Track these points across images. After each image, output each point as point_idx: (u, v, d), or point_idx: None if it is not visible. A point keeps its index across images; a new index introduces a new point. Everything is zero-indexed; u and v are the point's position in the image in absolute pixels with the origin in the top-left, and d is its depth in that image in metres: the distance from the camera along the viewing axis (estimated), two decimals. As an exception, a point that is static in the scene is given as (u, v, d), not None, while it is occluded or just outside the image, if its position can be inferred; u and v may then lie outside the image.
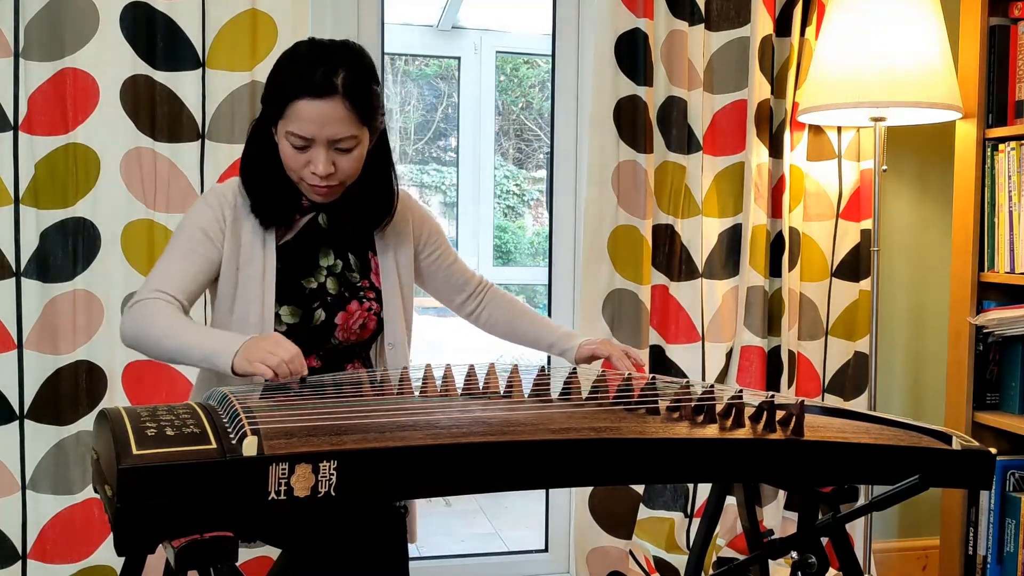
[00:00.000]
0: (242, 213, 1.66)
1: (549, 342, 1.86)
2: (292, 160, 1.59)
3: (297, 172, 1.60)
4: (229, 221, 1.64)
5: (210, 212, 1.64)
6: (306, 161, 1.58)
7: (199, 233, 1.63)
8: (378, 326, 1.75)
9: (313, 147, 1.56)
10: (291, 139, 1.56)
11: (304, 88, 1.53)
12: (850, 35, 2.36)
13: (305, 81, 1.53)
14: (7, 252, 2.16)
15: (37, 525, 2.21)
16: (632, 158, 2.48)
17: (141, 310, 1.54)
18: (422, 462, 1.20)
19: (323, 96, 1.53)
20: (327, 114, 1.53)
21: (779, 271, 2.59)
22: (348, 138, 1.57)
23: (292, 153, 1.58)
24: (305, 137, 1.55)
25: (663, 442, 1.34)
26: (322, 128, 1.54)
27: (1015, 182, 2.34)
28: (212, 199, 1.66)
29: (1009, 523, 2.41)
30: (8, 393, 2.17)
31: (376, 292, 1.74)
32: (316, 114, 1.53)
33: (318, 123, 1.54)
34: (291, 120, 1.55)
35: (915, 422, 1.58)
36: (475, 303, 1.91)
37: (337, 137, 1.56)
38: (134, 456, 1.10)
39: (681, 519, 2.60)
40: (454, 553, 3.19)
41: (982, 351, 2.46)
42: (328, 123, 1.54)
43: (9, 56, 2.13)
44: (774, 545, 1.58)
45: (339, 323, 1.69)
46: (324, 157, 1.56)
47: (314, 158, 1.57)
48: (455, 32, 6.14)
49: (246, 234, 1.66)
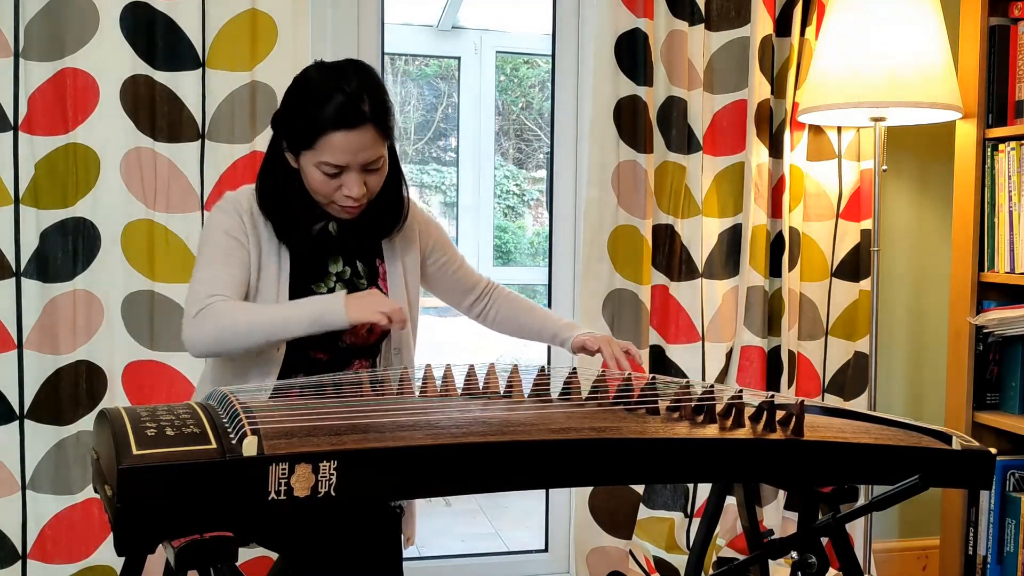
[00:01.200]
0: (259, 220, 1.68)
1: (552, 332, 1.89)
2: (323, 186, 1.61)
3: (328, 196, 1.62)
4: (249, 227, 1.67)
5: (232, 218, 1.66)
6: (337, 186, 1.61)
7: (228, 239, 1.64)
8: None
9: (345, 173, 1.59)
10: (323, 168, 1.59)
11: (337, 122, 1.55)
12: (850, 35, 2.36)
13: (336, 114, 1.55)
14: (7, 252, 2.16)
15: (37, 525, 2.20)
16: (632, 158, 2.48)
17: (211, 312, 1.55)
18: (422, 462, 1.20)
19: (356, 127, 1.56)
20: (360, 142, 1.57)
21: (779, 271, 2.59)
22: (377, 159, 1.61)
23: (323, 179, 1.60)
24: (339, 166, 1.58)
25: (663, 442, 1.34)
26: (356, 155, 1.58)
27: (1015, 182, 2.34)
28: (228, 206, 1.68)
29: (1009, 523, 2.41)
30: (8, 393, 2.17)
31: None
32: (351, 144, 1.57)
33: (352, 152, 1.57)
34: (324, 151, 1.57)
35: (915, 422, 1.58)
36: (483, 304, 1.95)
37: (369, 160, 1.60)
38: (134, 456, 1.10)
39: (681, 519, 2.60)
40: (454, 553, 3.19)
41: (982, 351, 2.46)
42: (362, 150, 1.58)
43: (9, 56, 2.13)
44: (774, 545, 1.58)
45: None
46: (357, 180, 1.60)
47: (347, 183, 1.60)
48: (455, 32, 6.14)
49: (264, 241, 1.68)
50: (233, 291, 1.60)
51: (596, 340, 1.79)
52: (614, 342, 1.78)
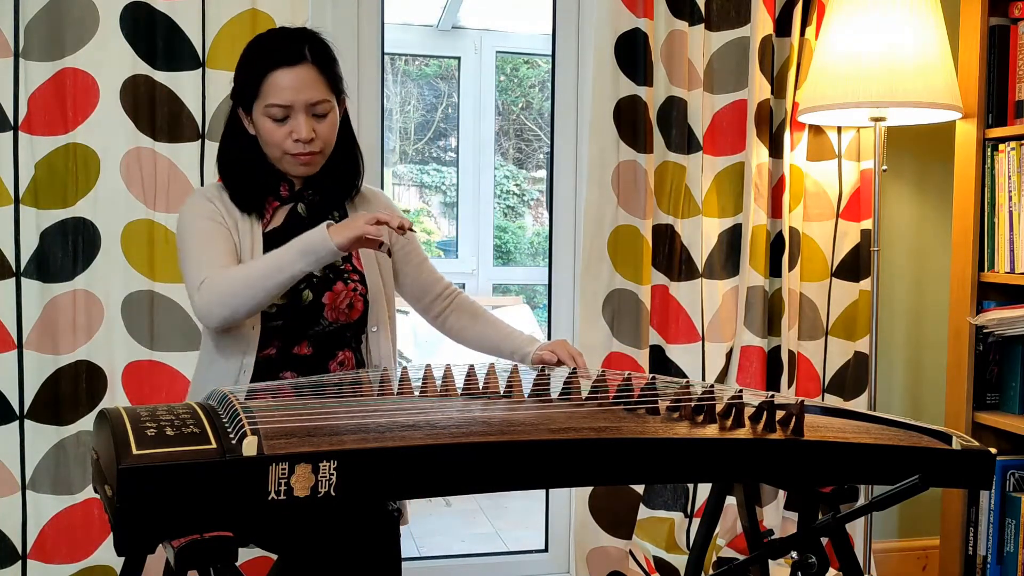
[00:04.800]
0: (229, 206, 1.73)
1: (511, 348, 1.85)
2: (273, 134, 1.67)
3: (280, 146, 1.68)
4: (222, 210, 1.71)
5: (204, 204, 1.71)
6: (288, 132, 1.66)
7: (205, 221, 1.69)
8: (365, 306, 1.78)
9: (292, 116, 1.66)
10: (271, 112, 1.65)
11: (276, 60, 1.65)
12: (850, 35, 2.36)
13: (276, 55, 1.65)
14: (7, 252, 2.16)
15: (37, 525, 2.20)
16: (632, 158, 2.48)
17: (212, 281, 1.60)
18: (422, 462, 1.20)
19: (295, 63, 1.65)
20: (301, 79, 1.65)
21: (779, 271, 2.59)
22: (323, 102, 1.67)
23: (272, 127, 1.67)
24: (284, 106, 1.65)
25: (663, 442, 1.34)
26: (299, 93, 1.64)
27: (1015, 182, 2.34)
28: (198, 197, 1.74)
29: (1009, 523, 2.41)
30: (8, 393, 2.17)
31: (360, 275, 1.78)
32: (292, 80, 1.64)
33: (295, 88, 1.64)
34: (269, 93, 1.65)
35: (915, 422, 1.58)
36: (441, 306, 1.92)
37: (313, 100, 1.66)
38: (134, 456, 1.10)
39: (681, 519, 2.59)
40: (454, 553, 3.19)
41: (982, 351, 2.46)
42: (303, 88, 1.65)
43: (9, 56, 2.13)
44: (774, 545, 1.58)
45: (327, 302, 1.73)
46: (304, 122, 1.66)
47: (295, 126, 1.66)
48: (455, 32, 6.13)
49: (236, 224, 1.72)
50: (227, 261, 1.65)
51: (554, 350, 1.76)
52: (568, 344, 1.79)
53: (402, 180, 6.41)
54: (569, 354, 1.76)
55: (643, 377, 1.51)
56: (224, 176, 1.75)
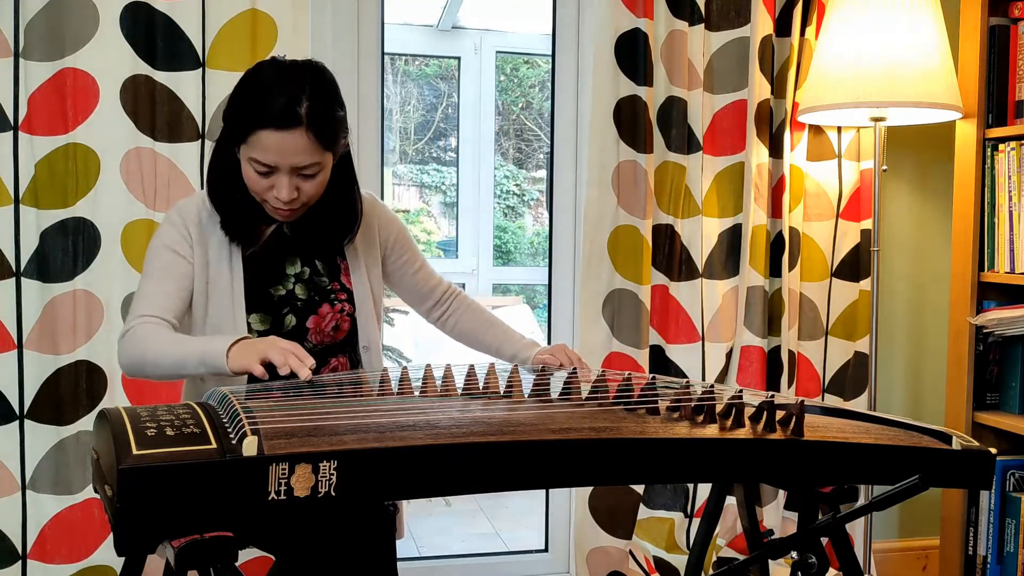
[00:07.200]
0: (208, 228, 1.67)
1: (511, 352, 1.85)
2: (255, 183, 1.60)
3: (260, 194, 1.61)
4: (195, 237, 1.66)
5: (175, 231, 1.66)
6: (269, 185, 1.58)
7: (168, 253, 1.65)
8: (351, 326, 1.76)
9: (276, 174, 1.57)
10: (254, 165, 1.57)
11: (266, 119, 1.52)
12: (850, 35, 2.36)
13: (267, 112, 1.52)
14: (7, 252, 2.16)
15: (37, 525, 2.21)
16: (632, 158, 2.48)
17: (132, 338, 1.57)
18: (422, 462, 1.20)
19: (286, 128, 1.52)
20: (290, 145, 1.53)
21: (779, 271, 2.59)
22: (311, 165, 1.57)
23: (255, 177, 1.59)
24: (268, 165, 1.56)
25: (663, 442, 1.34)
26: (284, 158, 1.55)
27: (1015, 182, 2.34)
28: (175, 217, 1.68)
29: (1009, 523, 2.41)
30: (8, 393, 2.17)
31: (348, 293, 1.75)
32: (279, 145, 1.53)
33: (280, 153, 1.54)
34: (253, 148, 1.55)
35: (915, 422, 1.58)
36: (441, 310, 1.92)
37: (300, 165, 1.56)
38: (134, 456, 1.09)
39: (681, 519, 2.60)
40: (454, 553, 3.19)
41: (982, 351, 2.46)
42: (290, 153, 1.54)
43: (9, 56, 2.13)
44: (774, 545, 1.58)
45: (311, 327, 1.71)
46: (287, 183, 1.57)
47: (277, 184, 1.57)
48: (455, 32, 6.14)
49: (213, 248, 1.67)
50: (167, 308, 1.61)
51: (554, 354, 1.76)
52: (568, 348, 1.78)
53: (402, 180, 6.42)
54: (569, 358, 1.76)
55: (643, 377, 1.51)
56: (213, 202, 1.67)
